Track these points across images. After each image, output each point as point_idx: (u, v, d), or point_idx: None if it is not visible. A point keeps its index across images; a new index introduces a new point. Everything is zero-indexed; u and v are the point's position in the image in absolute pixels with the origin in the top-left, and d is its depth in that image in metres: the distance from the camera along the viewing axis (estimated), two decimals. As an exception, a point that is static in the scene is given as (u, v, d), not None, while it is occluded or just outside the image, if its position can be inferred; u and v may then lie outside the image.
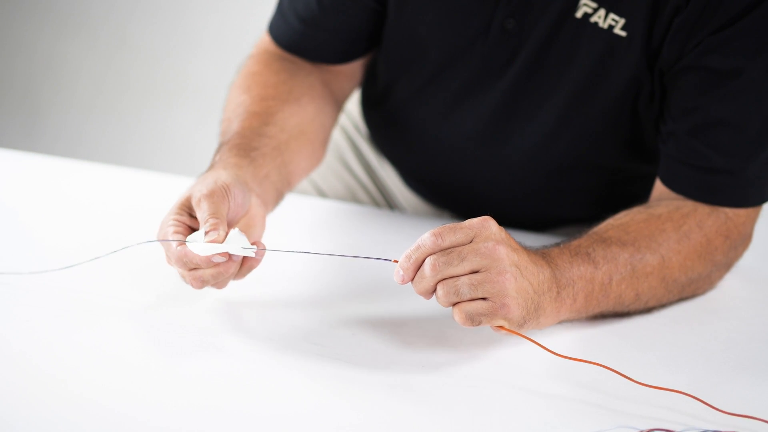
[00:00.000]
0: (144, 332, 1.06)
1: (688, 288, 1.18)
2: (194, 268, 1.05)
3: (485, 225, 0.99)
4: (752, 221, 1.21)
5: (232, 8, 3.05)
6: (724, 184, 1.18)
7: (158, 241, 1.07)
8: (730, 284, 1.25)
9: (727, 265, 1.21)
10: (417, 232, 1.28)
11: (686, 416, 0.96)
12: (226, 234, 1.05)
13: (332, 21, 1.32)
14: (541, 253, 1.06)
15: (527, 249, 1.05)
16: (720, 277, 1.22)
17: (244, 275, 1.08)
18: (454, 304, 1.00)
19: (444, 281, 0.99)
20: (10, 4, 3.17)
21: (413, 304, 1.14)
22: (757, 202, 1.20)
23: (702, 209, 1.18)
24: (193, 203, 1.08)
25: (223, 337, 1.05)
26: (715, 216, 1.18)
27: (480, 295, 0.99)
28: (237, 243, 1.04)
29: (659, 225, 1.15)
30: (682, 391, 0.98)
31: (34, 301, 1.09)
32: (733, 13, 1.14)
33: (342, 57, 1.36)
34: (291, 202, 1.36)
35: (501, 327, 1.00)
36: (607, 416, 0.96)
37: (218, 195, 1.07)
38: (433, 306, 1.13)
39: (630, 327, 1.14)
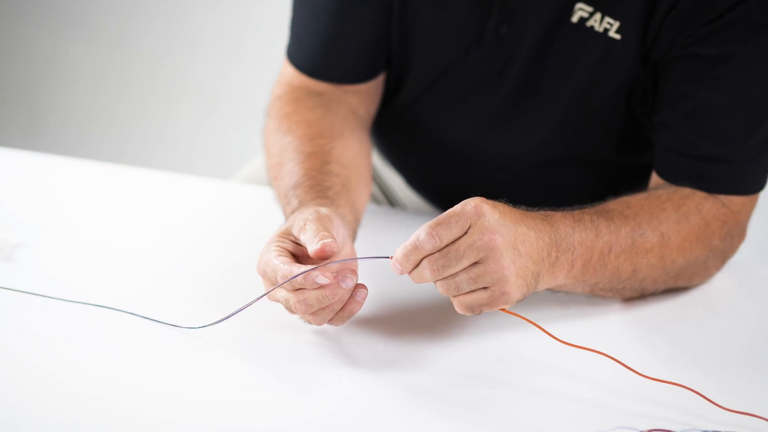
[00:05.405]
0: (142, 330, 1.06)
1: (685, 272, 1.18)
2: (300, 289, 1.01)
3: (479, 212, 0.97)
4: (748, 212, 1.22)
5: (231, 8, 3.05)
6: (715, 172, 1.18)
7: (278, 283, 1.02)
8: (730, 281, 1.25)
9: (723, 253, 1.21)
10: (415, 231, 1.29)
11: (687, 415, 0.96)
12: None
13: (353, 29, 1.30)
14: (542, 216, 1.05)
15: (529, 213, 1.03)
16: (716, 266, 1.22)
17: (344, 320, 1.04)
18: (454, 296, 0.99)
19: (444, 279, 0.99)
20: (10, 4, 3.17)
21: (412, 302, 1.14)
22: (751, 190, 1.20)
23: (699, 193, 1.19)
24: (295, 230, 1.05)
25: (221, 337, 1.05)
26: (713, 201, 1.18)
27: (480, 286, 0.98)
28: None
29: (659, 204, 1.15)
30: (683, 384, 0.98)
31: (34, 301, 1.10)
32: (724, 6, 1.14)
33: (365, 73, 1.33)
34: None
35: (503, 309, 1.00)
36: (608, 416, 0.96)
37: (325, 220, 1.04)
38: (432, 304, 1.13)
39: (630, 324, 1.14)
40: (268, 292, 1.04)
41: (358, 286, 1.02)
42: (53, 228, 1.28)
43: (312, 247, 1.01)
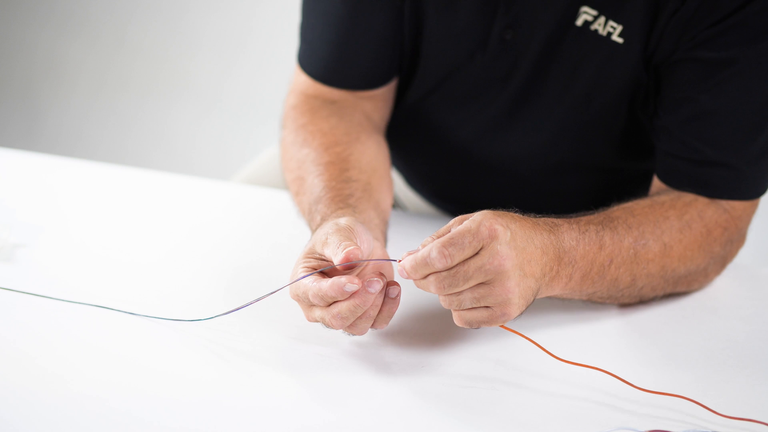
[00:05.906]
0: (142, 330, 1.06)
1: (685, 279, 1.18)
2: (333, 303, 1.00)
3: (492, 234, 0.97)
4: (748, 216, 1.21)
5: (232, 9, 3.05)
6: (717, 177, 1.18)
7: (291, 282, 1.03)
8: (729, 283, 1.25)
9: (723, 259, 1.21)
10: (416, 231, 1.28)
11: (686, 416, 0.96)
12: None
13: (366, 35, 1.28)
14: (549, 228, 1.04)
15: (538, 226, 1.03)
16: (715, 272, 1.22)
17: (386, 321, 1.03)
18: (455, 310, 0.99)
19: (448, 295, 0.99)
20: (10, 4, 3.17)
21: (412, 304, 1.14)
22: (752, 195, 1.20)
23: (702, 199, 1.18)
24: (318, 248, 1.04)
25: (222, 341, 1.05)
26: (714, 207, 1.18)
27: (482, 305, 0.98)
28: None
29: (663, 212, 1.15)
30: (682, 395, 0.98)
31: (34, 301, 1.09)
32: (727, 10, 1.14)
33: (379, 78, 1.32)
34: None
35: (502, 325, 1.00)
36: (607, 417, 0.96)
37: (345, 230, 1.04)
38: (432, 306, 1.13)
39: (630, 326, 1.14)
40: (269, 294, 1.04)
41: (390, 284, 1.01)
42: (53, 228, 1.28)
43: (336, 259, 1.01)
